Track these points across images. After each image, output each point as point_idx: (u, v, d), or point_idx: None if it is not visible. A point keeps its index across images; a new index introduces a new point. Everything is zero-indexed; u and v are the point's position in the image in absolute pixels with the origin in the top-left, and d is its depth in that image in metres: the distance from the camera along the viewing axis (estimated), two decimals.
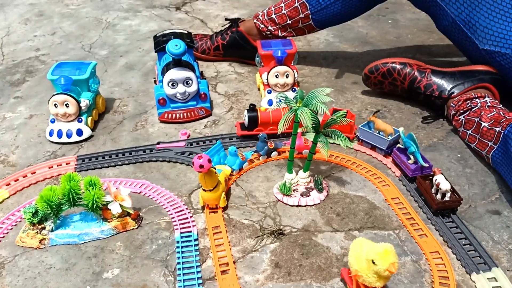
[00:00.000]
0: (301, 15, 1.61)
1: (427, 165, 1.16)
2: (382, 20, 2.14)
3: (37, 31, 2.15)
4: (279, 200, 1.16)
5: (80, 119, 1.41)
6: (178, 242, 1.05)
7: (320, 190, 1.16)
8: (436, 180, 1.08)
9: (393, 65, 1.46)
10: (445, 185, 1.06)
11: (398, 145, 1.24)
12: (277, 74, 1.47)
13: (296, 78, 1.50)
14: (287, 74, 1.47)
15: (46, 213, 1.04)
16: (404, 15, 2.18)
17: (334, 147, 1.32)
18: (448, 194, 1.07)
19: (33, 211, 1.04)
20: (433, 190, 1.10)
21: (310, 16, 1.60)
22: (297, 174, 1.19)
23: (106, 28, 2.15)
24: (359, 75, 1.66)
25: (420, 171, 1.17)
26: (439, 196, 1.08)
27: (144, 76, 1.77)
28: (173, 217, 1.12)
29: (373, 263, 0.81)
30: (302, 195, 1.15)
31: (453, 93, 1.39)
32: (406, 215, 1.10)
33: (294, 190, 1.17)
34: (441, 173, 1.09)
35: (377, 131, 1.27)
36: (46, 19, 2.27)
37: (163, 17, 2.24)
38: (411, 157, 1.18)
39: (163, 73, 1.46)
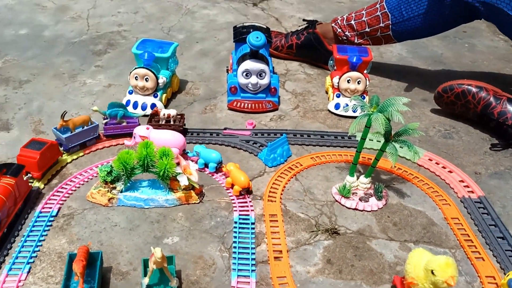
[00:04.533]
0: (381, 25, 1.61)
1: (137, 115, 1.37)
2: (458, 42, 2.11)
3: (121, 8, 2.27)
4: (336, 201, 1.18)
5: (156, 94, 1.48)
6: (236, 222, 1.09)
7: (379, 198, 1.16)
8: (164, 114, 1.34)
9: (469, 87, 1.44)
10: (172, 111, 1.35)
11: (106, 120, 1.33)
12: (349, 79, 1.49)
13: (366, 86, 1.51)
14: (359, 81, 1.49)
15: (120, 174, 1.11)
16: (482, 41, 2.13)
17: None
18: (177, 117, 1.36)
19: (108, 170, 1.11)
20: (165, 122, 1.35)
21: (390, 26, 1.60)
22: (358, 178, 1.20)
23: (186, 14, 2.24)
24: (430, 93, 1.65)
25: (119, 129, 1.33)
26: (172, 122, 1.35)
27: (217, 64, 1.83)
28: (233, 199, 1.17)
29: (432, 273, 0.81)
30: (360, 199, 1.16)
31: None
32: (464, 236, 1.08)
33: (353, 194, 1.18)
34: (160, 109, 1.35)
35: (76, 128, 1.25)
36: None
37: (240, 11, 2.31)
38: (124, 120, 1.32)
39: (239, 63, 1.51)
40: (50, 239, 1.03)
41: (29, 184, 1.13)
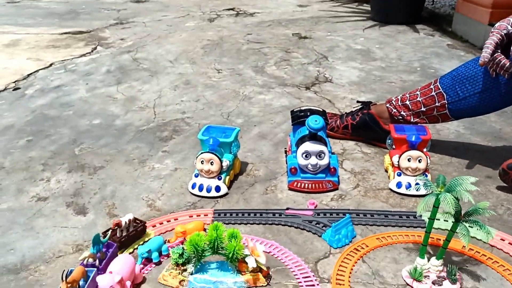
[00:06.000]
0: (437, 104, 1.64)
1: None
2: None
3: (183, 97, 2.45)
4: (408, 285, 1.14)
5: (220, 177, 1.55)
6: None
7: (453, 281, 1.12)
8: (126, 222, 1.26)
9: None
10: (130, 216, 1.29)
11: (95, 262, 1.15)
12: (410, 158, 1.50)
13: (428, 164, 1.51)
14: (420, 159, 1.49)
15: (191, 256, 1.15)
16: None
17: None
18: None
19: (180, 253, 1.15)
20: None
21: (446, 105, 1.63)
22: (428, 260, 1.17)
23: (243, 100, 2.38)
24: (493, 169, 1.62)
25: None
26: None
27: (275, 145, 1.90)
28: (300, 282, 1.16)
29: None
30: (433, 283, 1.12)
31: None
32: None
33: (425, 277, 1.14)
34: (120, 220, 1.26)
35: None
36: (192, 87, 2.57)
37: (293, 95, 2.42)
38: (103, 252, 1.19)
39: (298, 144, 1.57)
40: None
41: None
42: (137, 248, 1.26)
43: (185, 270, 1.16)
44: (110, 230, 1.26)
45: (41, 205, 1.52)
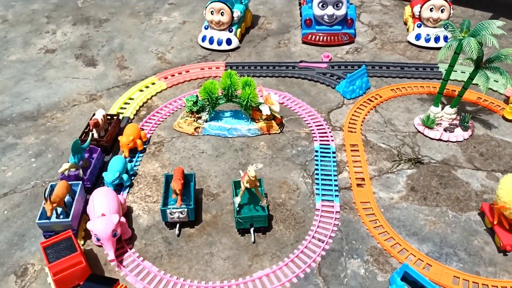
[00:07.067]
0: None
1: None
2: None
3: None
4: (419, 132, 1.16)
5: (231, 29, 1.49)
6: (317, 151, 1.11)
7: (465, 128, 1.13)
8: (101, 119, 1.13)
9: None
10: (101, 112, 1.14)
11: (79, 172, 1.00)
12: (432, 8, 1.41)
13: (450, 15, 1.42)
14: (443, 9, 1.41)
15: (205, 104, 1.15)
16: None
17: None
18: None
19: (194, 100, 1.15)
20: None
21: None
22: (442, 109, 1.16)
23: None
24: None
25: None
26: None
27: None
28: (313, 130, 1.18)
29: None
30: (445, 130, 1.14)
31: None
32: None
33: (437, 124, 1.15)
34: None
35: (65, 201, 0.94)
36: None
37: None
38: (85, 159, 1.03)
39: None
40: (145, 164, 1.10)
41: None
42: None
43: (199, 118, 1.17)
44: (90, 133, 1.09)
45: (50, 57, 1.49)
